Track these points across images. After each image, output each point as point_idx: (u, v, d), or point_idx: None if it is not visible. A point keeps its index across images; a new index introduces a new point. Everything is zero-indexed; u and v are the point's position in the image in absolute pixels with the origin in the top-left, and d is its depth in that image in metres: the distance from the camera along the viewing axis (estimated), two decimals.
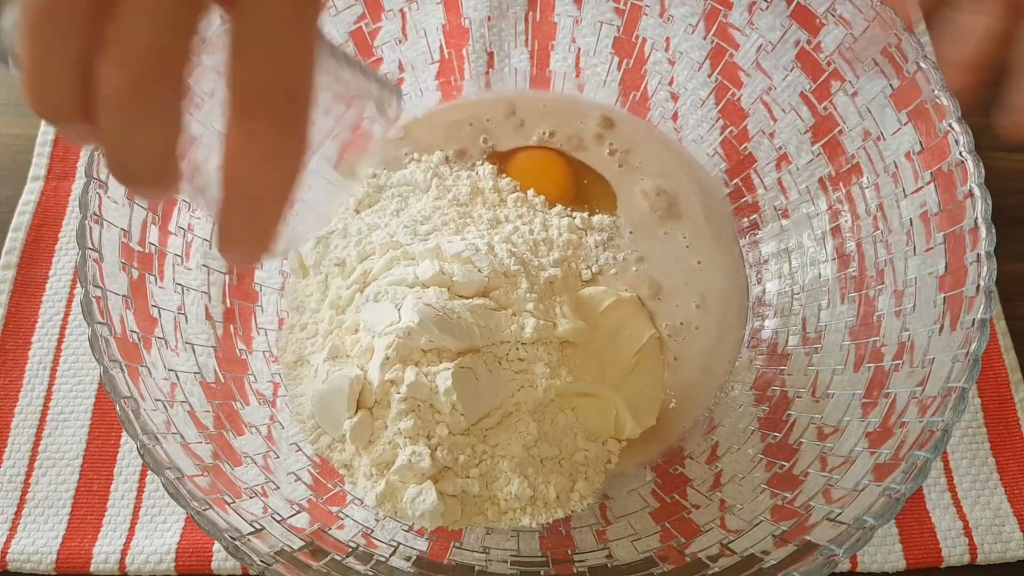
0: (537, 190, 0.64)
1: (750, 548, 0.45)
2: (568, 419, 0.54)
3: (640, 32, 0.67)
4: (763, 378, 0.58)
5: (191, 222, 0.56)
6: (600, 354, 0.56)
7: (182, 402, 0.48)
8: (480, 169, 0.65)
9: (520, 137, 0.68)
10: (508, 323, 0.53)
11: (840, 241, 0.58)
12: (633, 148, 0.67)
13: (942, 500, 0.57)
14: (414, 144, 0.67)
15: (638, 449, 0.56)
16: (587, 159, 0.67)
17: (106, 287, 0.47)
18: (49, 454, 0.58)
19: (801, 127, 0.61)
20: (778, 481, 0.50)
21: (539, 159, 0.67)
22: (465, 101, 0.69)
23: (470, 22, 0.69)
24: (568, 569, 0.48)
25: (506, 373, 0.52)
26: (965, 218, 0.48)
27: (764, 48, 0.61)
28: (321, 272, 0.59)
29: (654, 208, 0.64)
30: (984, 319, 0.45)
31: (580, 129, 0.68)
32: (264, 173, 0.29)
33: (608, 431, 0.55)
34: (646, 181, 0.65)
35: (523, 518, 0.50)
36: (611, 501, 0.54)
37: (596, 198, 0.65)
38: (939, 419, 0.43)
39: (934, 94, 0.51)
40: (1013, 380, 0.60)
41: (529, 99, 0.69)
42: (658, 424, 0.57)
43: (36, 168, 0.69)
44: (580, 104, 0.69)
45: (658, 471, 0.56)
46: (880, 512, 0.41)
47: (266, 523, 0.45)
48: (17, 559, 0.54)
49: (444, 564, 0.48)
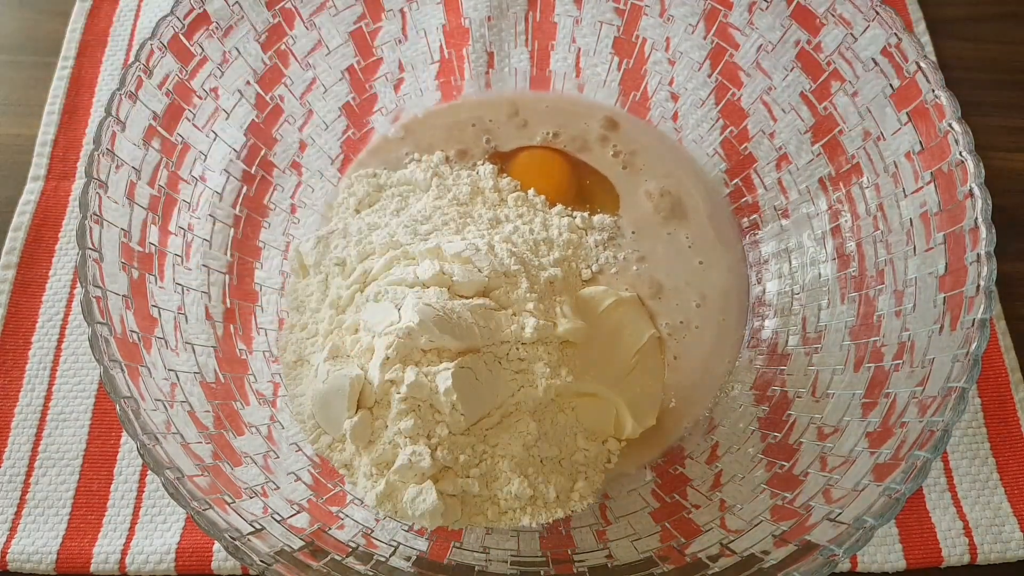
0: (538, 189, 0.64)
1: (750, 548, 0.45)
2: (568, 419, 0.54)
3: (640, 32, 0.67)
4: (763, 378, 0.58)
5: (191, 222, 0.56)
6: (600, 354, 0.56)
7: (182, 402, 0.48)
8: (481, 169, 0.65)
9: (523, 138, 0.68)
10: (508, 323, 0.53)
11: (840, 241, 0.58)
12: (638, 150, 0.67)
13: (942, 500, 0.57)
14: (415, 144, 0.67)
15: (638, 449, 0.56)
16: (591, 160, 0.67)
17: (106, 287, 0.47)
18: (49, 454, 0.58)
19: (801, 127, 0.60)
20: (778, 481, 0.50)
21: (540, 158, 0.67)
22: (467, 101, 0.69)
23: (470, 22, 0.69)
24: (568, 569, 0.48)
25: (506, 373, 0.52)
26: (965, 218, 0.48)
27: (764, 48, 0.61)
28: (321, 272, 0.59)
29: (658, 209, 0.64)
30: (984, 319, 0.45)
31: (584, 130, 0.68)
32: None
33: (608, 431, 0.55)
34: (651, 182, 0.65)
35: (523, 518, 0.50)
36: (611, 501, 0.54)
37: (598, 198, 0.65)
38: (939, 419, 0.43)
39: (934, 94, 0.51)
40: (1013, 380, 0.60)
41: (531, 100, 0.69)
42: (658, 424, 0.57)
43: (36, 168, 0.69)
44: (583, 105, 0.69)
45: (658, 471, 0.56)
46: (880, 512, 0.41)
47: (266, 523, 0.45)
48: (17, 559, 0.54)
49: (444, 564, 0.48)
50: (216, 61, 0.58)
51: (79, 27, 0.76)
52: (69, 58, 0.74)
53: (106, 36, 0.75)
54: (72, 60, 0.74)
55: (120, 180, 0.50)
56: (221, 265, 0.58)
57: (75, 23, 0.76)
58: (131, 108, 0.52)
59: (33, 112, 0.72)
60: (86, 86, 0.73)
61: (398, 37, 0.67)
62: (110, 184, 0.49)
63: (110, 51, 0.75)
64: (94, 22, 0.76)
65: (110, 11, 0.77)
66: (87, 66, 0.74)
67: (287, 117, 0.64)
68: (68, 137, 0.70)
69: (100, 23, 0.76)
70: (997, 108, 0.72)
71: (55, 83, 0.73)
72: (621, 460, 0.55)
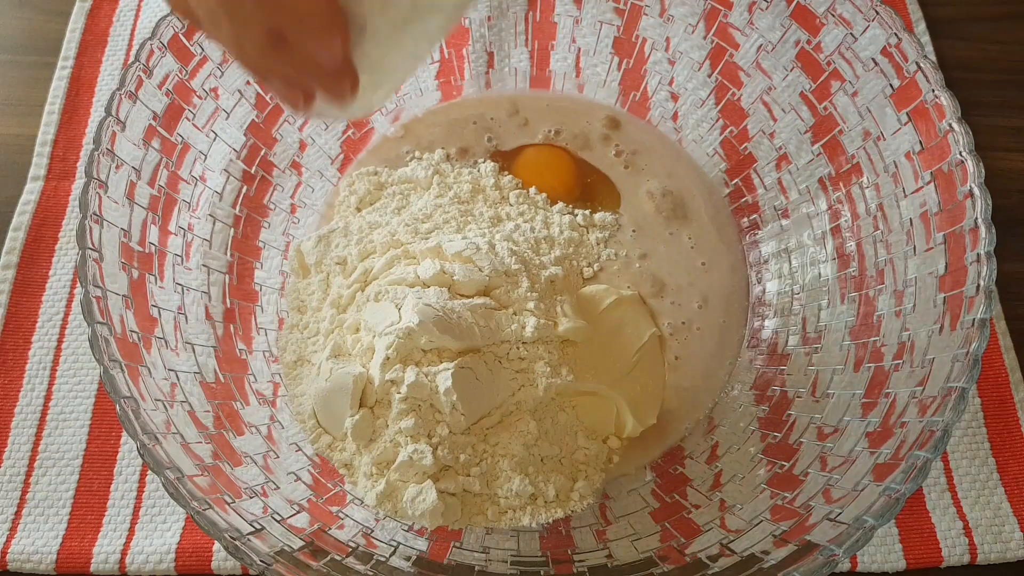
0: (540, 187, 0.64)
1: (750, 548, 0.45)
2: (569, 418, 0.54)
3: (640, 32, 0.67)
4: (763, 378, 0.58)
5: (191, 222, 0.56)
6: (601, 352, 0.56)
7: (182, 402, 0.48)
8: (482, 167, 0.65)
9: (524, 136, 0.68)
10: (509, 322, 0.53)
11: (840, 241, 0.58)
12: (640, 150, 0.67)
13: (942, 500, 0.57)
14: (416, 141, 0.67)
15: (638, 449, 0.56)
16: (592, 159, 0.67)
17: (106, 287, 0.47)
18: (49, 454, 0.58)
19: (801, 127, 0.60)
20: (778, 481, 0.50)
21: (546, 155, 0.67)
22: (466, 100, 0.69)
23: (470, 22, 0.69)
24: (568, 569, 0.48)
25: (506, 372, 0.52)
26: (965, 218, 0.48)
27: (764, 48, 0.61)
28: (322, 271, 0.59)
29: (660, 209, 0.64)
30: (984, 319, 0.45)
31: (586, 128, 0.68)
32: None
33: (608, 429, 0.55)
34: (652, 182, 0.65)
35: (523, 517, 0.50)
36: (611, 501, 0.54)
37: (599, 197, 0.65)
38: (939, 419, 0.43)
39: (934, 94, 0.51)
40: (1013, 380, 0.60)
41: (532, 98, 0.69)
42: (658, 424, 0.57)
43: (36, 168, 0.69)
44: (584, 104, 0.69)
45: (658, 471, 0.56)
46: (880, 512, 0.41)
47: (266, 523, 0.45)
48: (17, 559, 0.54)
49: (444, 564, 0.48)
50: (216, 61, 0.58)
51: (79, 27, 0.75)
52: (69, 58, 0.74)
53: (106, 36, 0.75)
54: (72, 60, 0.74)
55: (120, 180, 0.50)
56: (221, 265, 0.58)
57: (75, 23, 0.76)
58: (131, 108, 0.52)
59: (33, 112, 0.72)
60: (86, 86, 0.73)
61: None
62: (110, 184, 0.49)
63: (110, 51, 0.75)
64: (94, 22, 0.76)
65: (110, 11, 0.77)
66: (87, 66, 0.74)
67: (287, 117, 0.64)
68: (68, 137, 0.70)
69: (100, 23, 0.76)
70: (997, 108, 0.72)
71: (55, 83, 0.73)
72: (621, 460, 0.55)
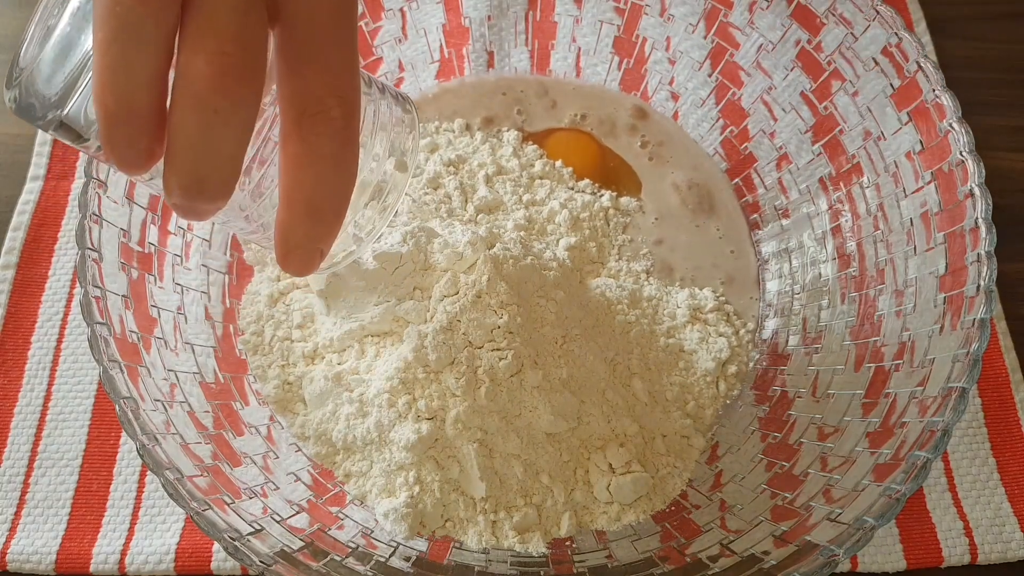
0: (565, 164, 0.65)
1: (750, 548, 0.45)
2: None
3: (640, 31, 0.67)
4: (763, 378, 0.58)
5: (190, 222, 0.56)
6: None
7: (182, 402, 0.48)
8: (506, 135, 0.66)
9: (552, 119, 0.68)
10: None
11: (840, 241, 0.58)
12: (667, 142, 0.67)
13: (942, 500, 0.57)
14: (439, 110, 0.67)
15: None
16: (616, 147, 0.67)
17: (106, 287, 0.47)
18: (49, 454, 0.58)
19: (801, 127, 0.60)
20: (778, 481, 0.50)
21: (575, 138, 0.67)
22: (484, 80, 0.69)
23: (470, 21, 0.69)
24: (568, 570, 0.48)
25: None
26: (965, 218, 0.48)
27: (764, 48, 0.61)
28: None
29: (686, 201, 0.64)
30: (984, 319, 0.45)
31: (612, 115, 0.68)
32: (323, 181, 0.30)
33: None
34: (677, 173, 0.66)
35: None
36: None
37: (620, 184, 0.66)
38: (939, 419, 0.43)
39: (934, 94, 0.51)
40: (1013, 380, 0.60)
41: (561, 81, 0.70)
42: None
43: (35, 168, 0.68)
44: (611, 93, 0.69)
45: None
46: (880, 512, 0.41)
47: (266, 523, 0.45)
48: (16, 559, 0.54)
49: (444, 564, 0.48)
50: None
51: None
52: None
53: None
54: None
55: (120, 180, 0.50)
56: (221, 265, 0.58)
57: None
58: None
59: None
60: None
61: (398, 36, 0.67)
62: (110, 184, 0.49)
63: None
64: None
65: None
66: None
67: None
68: None
69: None
70: (997, 108, 0.72)
71: None
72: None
